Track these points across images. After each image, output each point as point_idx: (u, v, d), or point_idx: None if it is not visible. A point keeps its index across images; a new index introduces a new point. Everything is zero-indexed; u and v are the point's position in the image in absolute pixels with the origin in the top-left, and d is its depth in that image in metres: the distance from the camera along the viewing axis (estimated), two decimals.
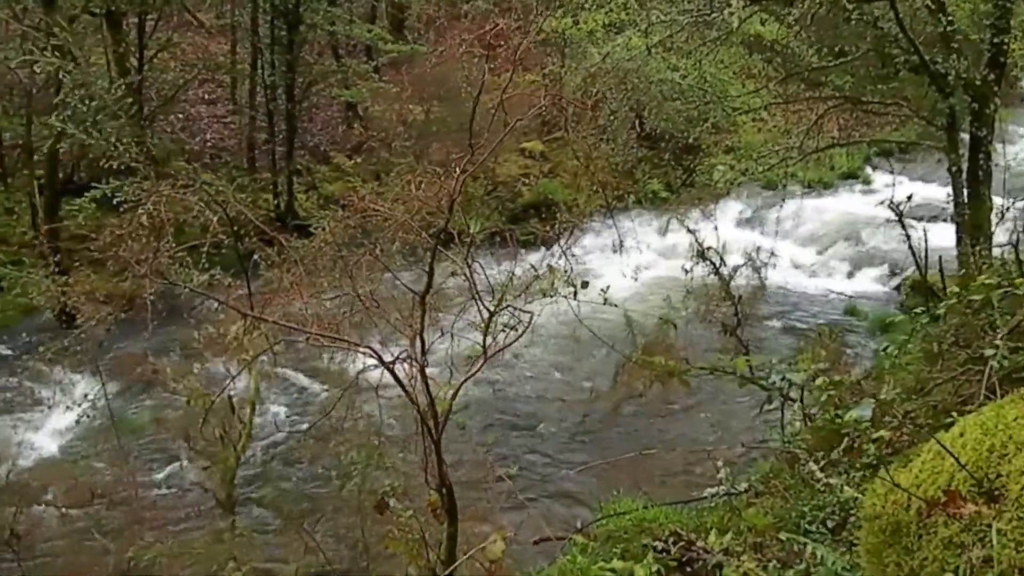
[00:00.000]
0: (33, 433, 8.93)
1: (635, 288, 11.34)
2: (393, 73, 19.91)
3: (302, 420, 8.34)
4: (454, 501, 3.63)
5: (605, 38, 15.40)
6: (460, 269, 3.49)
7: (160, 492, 7.07)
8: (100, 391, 8.22)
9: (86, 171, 16.39)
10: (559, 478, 7.65)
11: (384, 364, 3.35)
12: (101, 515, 5.78)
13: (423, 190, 3.50)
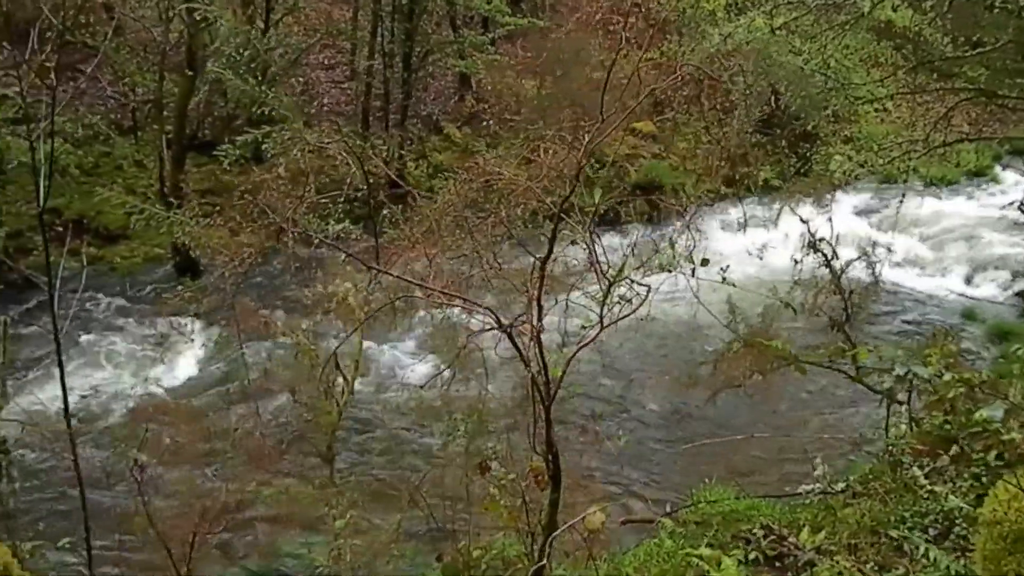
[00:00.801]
0: (157, 372, 9.43)
1: (741, 275, 11.13)
2: (508, 46, 19.96)
3: (409, 378, 8.56)
4: (559, 468, 3.67)
5: (726, 18, 15.04)
6: (581, 238, 3.52)
7: (266, 440, 7.36)
8: (222, 338, 8.59)
9: (209, 129, 17.08)
10: (652, 459, 7.63)
11: (502, 327, 3.40)
12: (215, 453, 6.07)
13: (550, 157, 3.53)
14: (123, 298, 11.43)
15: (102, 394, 8.77)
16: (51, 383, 8.06)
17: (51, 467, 7.01)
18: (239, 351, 8.63)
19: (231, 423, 6.63)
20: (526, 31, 19.59)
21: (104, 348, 10.18)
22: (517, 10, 20.14)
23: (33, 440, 6.56)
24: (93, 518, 5.31)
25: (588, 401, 7.15)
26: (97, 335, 10.41)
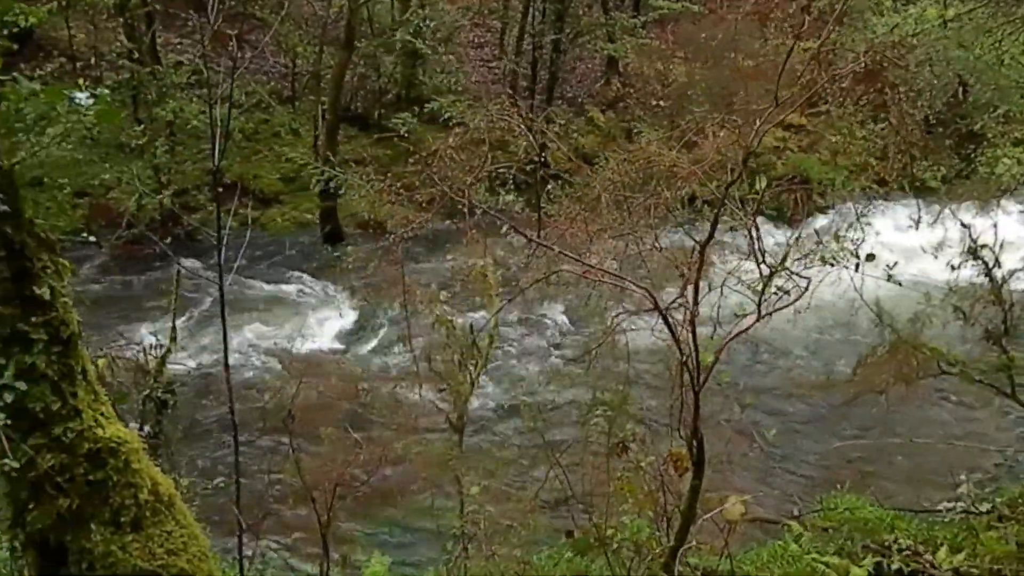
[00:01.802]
0: (308, 329, 9.89)
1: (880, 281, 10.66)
2: (658, 30, 19.68)
3: (550, 354, 8.67)
4: (703, 455, 3.65)
5: (893, 8, 14.37)
6: (742, 225, 3.47)
7: (402, 405, 7.60)
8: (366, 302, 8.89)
9: (361, 102, 17.67)
10: (784, 457, 7.45)
11: (658, 308, 3.41)
12: (359, 411, 6.34)
13: (714, 142, 3.49)
14: (275, 258, 12.04)
15: (258, 346, 9.28)
16: (212, 332, 8.59)
17: (211, 410, 7.51)
18: (386, 316, 8.94)
19: (372, 383, 6.89)
20: (678, 16, 19.26)
21: (260, 303, 10.76)
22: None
23: (197, 384, 7.05)
24: (246, 461, 5.67)
25: (733, 390, 7.03)
26: (253, 291, 11.00)
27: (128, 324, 9.44)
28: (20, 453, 3.49)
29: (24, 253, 3.50)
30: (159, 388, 5.21)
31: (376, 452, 5.33)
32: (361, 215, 15.05)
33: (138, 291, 11.40)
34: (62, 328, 3.63)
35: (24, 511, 3.67)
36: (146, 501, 3.88)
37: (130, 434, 3.92)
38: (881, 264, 3.72)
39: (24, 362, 3.50)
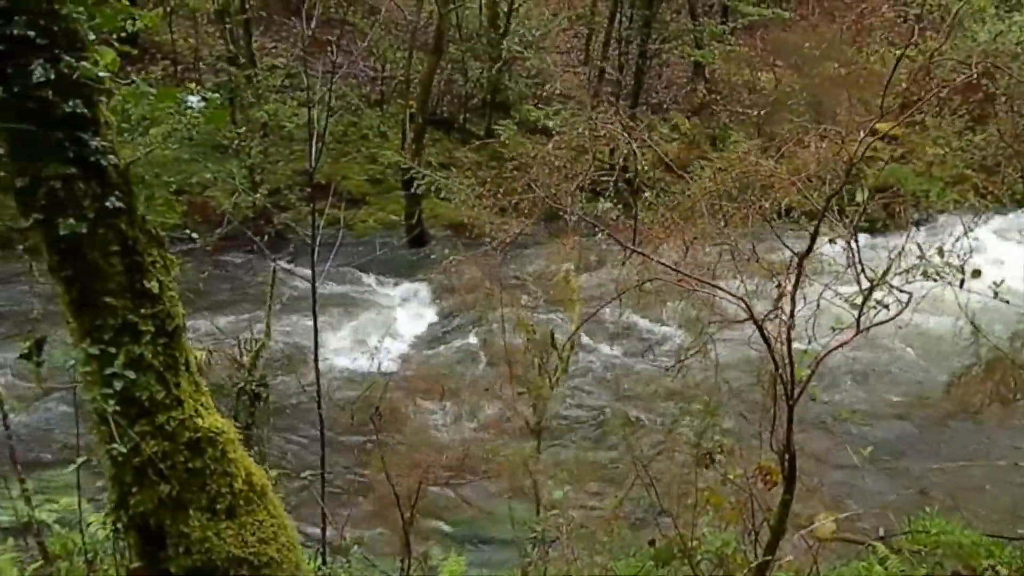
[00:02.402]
0: (395, 329, 10.08)
1: (984, 298, 10.25)
2: (747, 37, 19.41)
3: (638, 362, 8.63)
4: (795, 469, 3.59)
5: (996, 15, 13.86)
6: (842, 237, 3.40)
7: (482, 407, 7.68)
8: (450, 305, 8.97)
9: (447, 107, 17.91)
10: (877, 476, 7.25)
11: (754, 319, 3.37)
12: (443, 411, 6.44)
13: (814, 151, 3.44)
14: (361, 258, 12.25)
15: (345, 344, 9.49)
16: (300, 329, 8.81)
17: (300, 406, 7.73)
18: (467, 319, 9.04)
19: (455, 385, 6.98)
20: (767, 23, 18.97)
21: (346, 302, 11.00)
22: (761, 0, 19.55)
23: (287, 379, 7.27)
24: (333, 457, 5.82)
25: (827, 406, 6.89)
26: (340, 290, 11.25)
27: (220, 318, 9.76)
28: (127, 439, 3.65)
29: (136, 248, 3.67)
30: (253, 382, 5.39)
31: (458, 452, 5.40)
32: (445, 217, 15.29)
33: (230, 287, 11.78)
34: (168, 321, 3.79)
35: (128, 495, 3.83)
36: (240, 490, 4.01)
37: (227, 424, 4.07)
38: (987, 280, 3.60)
39: (133, 352, 3.66)
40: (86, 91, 3.47)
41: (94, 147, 3.46)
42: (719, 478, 4.18)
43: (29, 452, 7.95)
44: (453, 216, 15.32)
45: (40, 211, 3.45)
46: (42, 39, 3.33)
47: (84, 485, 7.99)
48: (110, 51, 3.61)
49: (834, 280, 3.48)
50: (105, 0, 3.72)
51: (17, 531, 7.44)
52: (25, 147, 3.41)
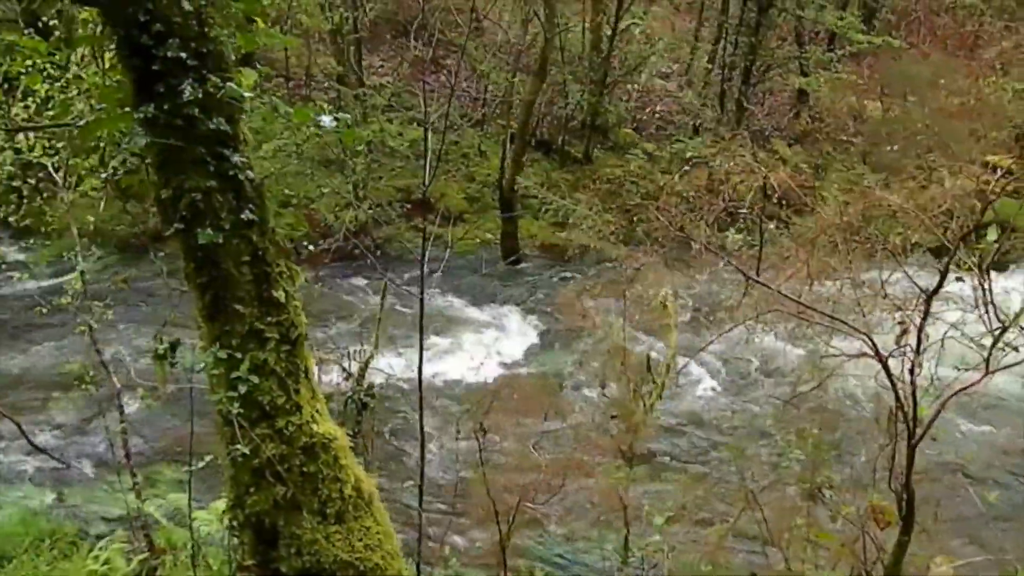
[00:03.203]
0: (487, 346, 10.20)
1: None
2: (854, 65, 18.98)
3: (739, 390, 8.51)
4: (913, 511, 3.50)
5: None
6: (972, 275, 3.32)
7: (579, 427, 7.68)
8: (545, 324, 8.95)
9: (547, 128, 18.05)
10: (997, 522, 6.92)
11: (878, 355, 3.31)
12: (544, 431, 6.48)
13: (954, 185, 3.37)
14: (457, 274, 12.45)
15: (441, 358, 9.63)
16: (401, 342, 8.99)
17: (402, 416, 7.90)
18: (551, 337, 9.04)
19: (558, 405, 7.02)
20: (875, 51, 18.52)
21: (442, 317, 11.18)
22: (869, 28, 19.11)
23: (390, 390, 7.44)
24: (433, 469, 5.92)
25: (949, 447, 6.65)
26: (436, 305, 11.43)
27: (321, 329, 10.07)
28: (248, 440, 3.82)
29: (265, 259, 3.85)
30: (360, 391, 5.55)
31: (557, 471, 5.43)
32: (540, 238, 15.40)
33: (329, 298, 12.11)
34: (292, 329, 3.95)
35: (245, 494, 4.00)
36: (350, 496, 4.14)
37: (340, 432, 4.21)
38: None
39: (258, 358, 3.84)
40: (229, 109, 3.68)
41: (234, 162, 3.66)
42: (829, 514, 4.09)
43: (142, 448, 8.35)
44: (547, 236, 15.43)
45: (181, 221, 3.67)
46: (192, 60, 3.55)
47: (198, 483, 8.31)
48: (252, 72, 3.82)
49: (960, 318, 3.39)
50: (247, 24, 3.94)
51: (126, 523, 7.81)
52: (171, 161, 3.63)
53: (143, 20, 3.45)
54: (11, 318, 11.72)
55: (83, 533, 7.70)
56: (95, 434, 9.16)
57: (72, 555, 7.19)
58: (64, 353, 10.17)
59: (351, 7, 15.16)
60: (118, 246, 13.16)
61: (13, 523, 7.40)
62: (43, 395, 9.70)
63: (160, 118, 3.56)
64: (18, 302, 12.18)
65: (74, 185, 7.75)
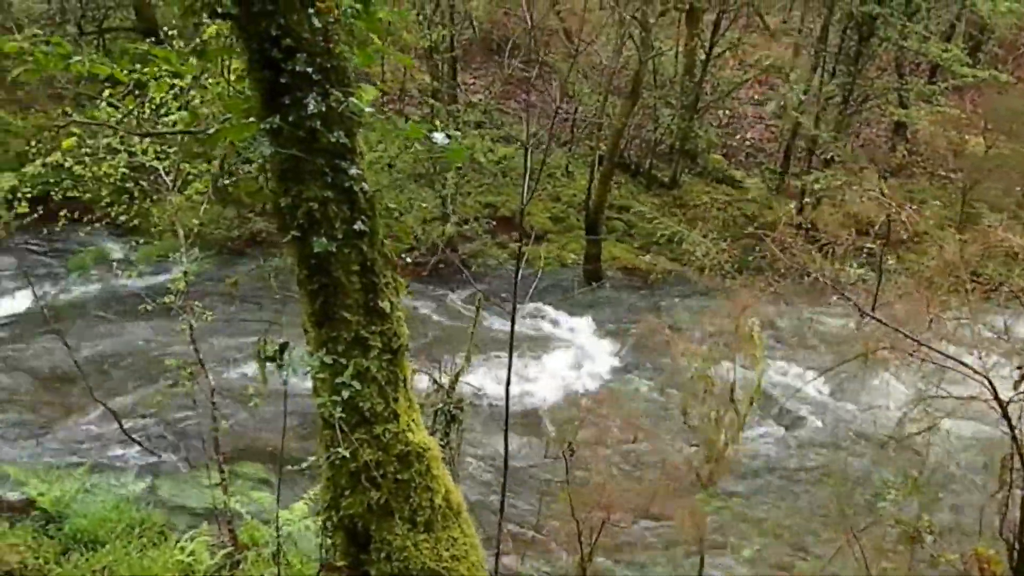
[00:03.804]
0: (568, 366, 10.21)
1: None
2: (956, 98, 18.48)
3: (832, 427, 8.32)
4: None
5: None
6: None
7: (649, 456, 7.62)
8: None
9: (634, 151, 18.03)
10: None
11: (997, 398, 3.22)
12: (627, 455, 6.46)
13: None
14: (540, 293, 12.48)
15: (524, 376, 9.67)
16: (484, 357, 9.03)
17: (489, 431, 7.97)
18: (643, 362, 9.00)
19: (642, 428, 6.99)
20: (980, 84, 17.97)
21: (528, 335, 11.24)
22: (975, 61, 18.56)
23: (480, 405, 7.52)
24: (520, 484, 5.95)
25: None
26: (524, 323, 11.47)
27: (411, 339, 10.20)
28: (347, 444, 3.92)
29: (373, 269, 3.97)
30: (450, 403, 5.64)
31: (641, 495, 5.40)
32: (622, 260, 15.37)
33: (417, 309, 12.30)
34: (394, 339, 4.05)
35: (341, 497, 4.11)
36: (439, 506, 4.20)
37: (433, 442, 4.28)
38: None
39: (361, 365, 3.94)
40: (348, 123, 3.81)
41: (351, 174, 3.78)
42: (929, 559, 3.97)
43: (232, 444, 8.60)
44: (630, 259, 15.39)
45: (298, 228, 3.80)
46: (317, 74, 3.69)
47: (276, 483, 8.52)
48: (371, 88, 3.95)
49: None
50: (366, 43, 4.08)
51: (210, 517, 8.05)
52: (291, 171, 3.78)
53: (275, 35, 3.61)
54: (115, 313, 12.25)
55: (170, 524, 7.95)
56: (187, 428, 9.50)
57: (160, 544, 7.41)
58: (163, 349, 10.57)
59: (450, 25, 15.45)
60: (215, 248, 13.64)
61: (107, 509, 7.67)
62: (141, 388, 10.10)
63: (284, 129, 3.70)
64: (121, 298, 12.74)
65: (181, 188, 8.08)
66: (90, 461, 9.04)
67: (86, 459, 9.11)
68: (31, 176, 8.04)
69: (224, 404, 8.35)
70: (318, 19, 3.65)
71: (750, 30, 20.41)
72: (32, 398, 10.02)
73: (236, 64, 4.08)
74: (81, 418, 9.72)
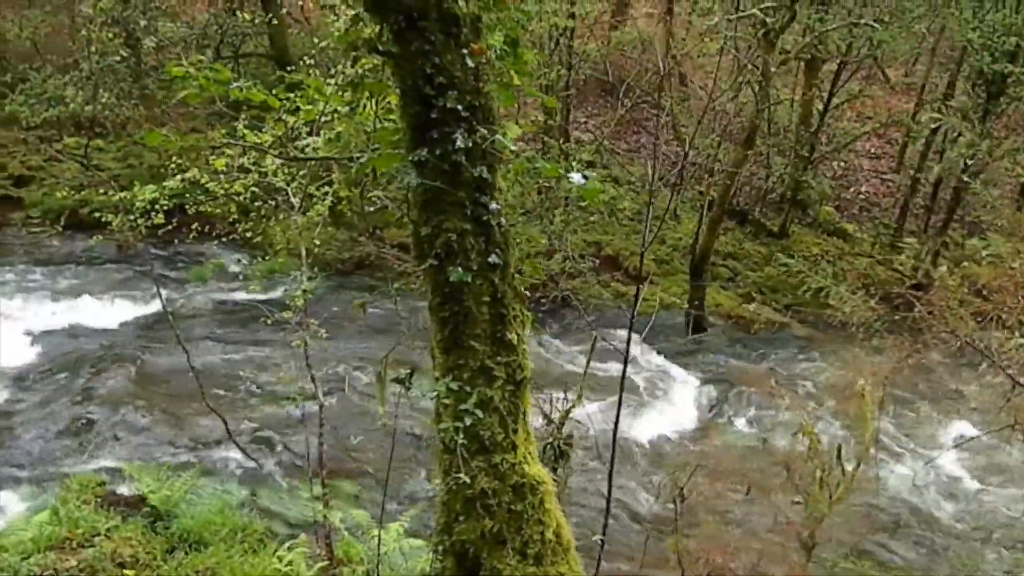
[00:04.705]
0: (680, 409, 10.11)
1: None
2: None
3: (960, 497, 7.99)
4: None
5: None
6: None
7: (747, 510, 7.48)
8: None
9: (744, 198, 17.85)
10: None
11: None
12: (743, 502, 6.36)
13: None
14: (641, 336, 12.43)
15: (635, 417, 9.63)
16: (599, 394, 9.02)
17: (594, 469, 7.97)
18: (744, 413, 8.85)
19: (742, 479, 6.87)
20: None
21: (632, 377, 11.19)
22: None
23: (587, 443, 7.53)
24: (622, 524, 5.91)
25: None
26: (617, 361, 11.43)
27: None
28: (467, 471, 4.00)
29: (503, 300, 4.06)
30: (560, 439, 5.68)
31: (749, 552, 5.31)
32: (726, 307, 15.15)
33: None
34: (518, 371, 4.13)
35: (455, 522, 4.17)
36: (550, 540, 4.23)
37: (547, 476, 4.32)
38: None
39: (485, 394, 4.02)
40: (491, 159, 3.94)
41: (491, 209, 3.90)
42: None
43: (333, 461, 8.82)
44: (733, 307, 15.16)
45: (435, 257, 3.93)
46: (465, 111, 3.83)
47: (371, 501, 8.69)
48: (515, 127, 4.08)
49: None
50: (509, 83, 4.23)
51: (307, 528, 8.26)
52: (433, 202, 3.92)
53: (429, 72, 3.77)
54: (230, 323, 12.77)
55: (270, 532, 8.19)
56: (290, 441, 9.79)
57: (259, 551, 7.65)
58: (275, 362, 10.97)
59: (567, 66, 15.69)
60: (328, 269, 14.11)
61: (212, 512, 7.96)
62: (250, 398, 10.48)
63: (430, 162, 3.85)
64: (234, 309, 13.29)
65: (304, 210, 8.43)
66: (198, 464, 9.45)
67: (193, 461, 9.52)
68: (170, 189, 8.52)
69: (331, 420, 8.60)
70: (471, 59, 3.80)
71: (871, 82, 20.03)
72: (148, 398, 10.52)
73: (388, 97, 4.27)
74: (191, 421, 10.15)
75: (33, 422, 10.03)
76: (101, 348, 11.58)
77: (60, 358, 11.36)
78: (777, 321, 14.56)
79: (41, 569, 6.47)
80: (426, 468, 8.62)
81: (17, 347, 11.37)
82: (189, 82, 4.32)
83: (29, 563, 6.47)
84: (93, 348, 11.59)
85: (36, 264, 14.65)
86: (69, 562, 6.82)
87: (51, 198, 16.23)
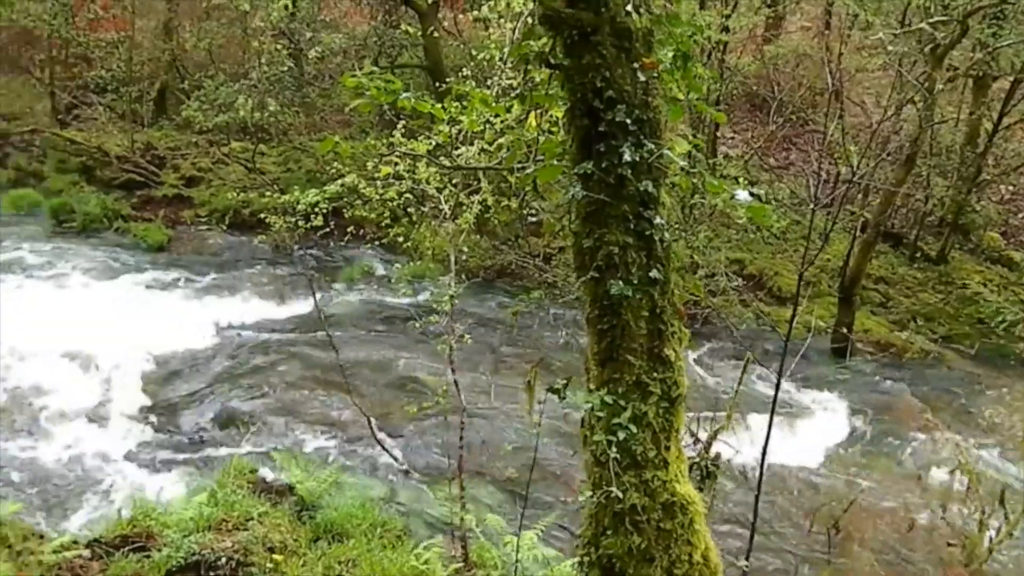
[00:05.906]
0: (827, 437, 9.74)
1: None
2: None
3: None
4: None
5: None
6: None
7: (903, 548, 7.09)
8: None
9: (900, 221, 17.01)
10: None
11: None
12: (902, 543, 6.07)
13: None
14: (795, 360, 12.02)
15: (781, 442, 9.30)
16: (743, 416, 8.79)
17: (738, 491, 7.79)
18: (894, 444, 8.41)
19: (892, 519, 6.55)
20: None
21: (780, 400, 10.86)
22: None
23: (733, 465, 7.37)
24: (766, 551, 5.73)
25: None
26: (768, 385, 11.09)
27: None
28: (618, 485, 3.99)
29: (662, 316, 4.03)
30: (707, 459, 5.59)
31: None
32: (875, 333, 14.44)
33: None
34: (673, 388, 4.08)
35: (602, 535, 4.16)
36: (697, 562, 4.16)
37: (698, 496, 4.25)
38: None
39: (639, 409, 4.00)
40: (656, 173, 3.93)
41: (655, 223, 3.88)
42: None
43: (472, 465, 8.97)
44: (883, 334, 14.44)
45: (596, 270, 3.95)
46: (633, 126, 3.84)
47: (507, 508, 8.77)
48: (683, 141, 4.05)
49: None
50: (676, 98, 4.20)
51: (443, 530, 8.42)
52: (597, 214, 3.94)
53: (599, 86, 3.80)
54: (377, 324, 13.23)
55: (408, 529, 8.40)
56: (431, 443, 10.03)
57: (398, 547, 7.85)
58: (419, 364, 11.27)
59: (719, 80, 15.44)
60: (468, 275, 14.38)
61: (354, 506, 8.24)
62: (395, 399, 10.80)
63: (595, 175, 3.87)
64: (380, 311, 13.76)
65: (454, 217, 8.64)
66: (341, 458, 9.82)
67: (337, 454, 9.90)
68: (331, 193, 8.93)
69: (470, 425, 8.74)
70: (642, 73, 3.81)
71: None
72: (298, 392, 11.02)
73: (552, 111, 4.33)
74: (337, 416, 10.55)
75: (192, 408, 10.69)
76: (258, 342, 12.23)
77: (220, 349, 12.07)
78: (932, 351, 13.78)
79: (200, 547, 6.87)
80: (562, 480, 8.63)
81: (182, 338, 12.15)
82: (361, 91, 4.52)
83: (189, 541, 6.88)
84: (250, 342, 12.26)
85: (202, 259, 15.66)
86: (224, 543, 7.20)
87: (217, 198, 17.35)
